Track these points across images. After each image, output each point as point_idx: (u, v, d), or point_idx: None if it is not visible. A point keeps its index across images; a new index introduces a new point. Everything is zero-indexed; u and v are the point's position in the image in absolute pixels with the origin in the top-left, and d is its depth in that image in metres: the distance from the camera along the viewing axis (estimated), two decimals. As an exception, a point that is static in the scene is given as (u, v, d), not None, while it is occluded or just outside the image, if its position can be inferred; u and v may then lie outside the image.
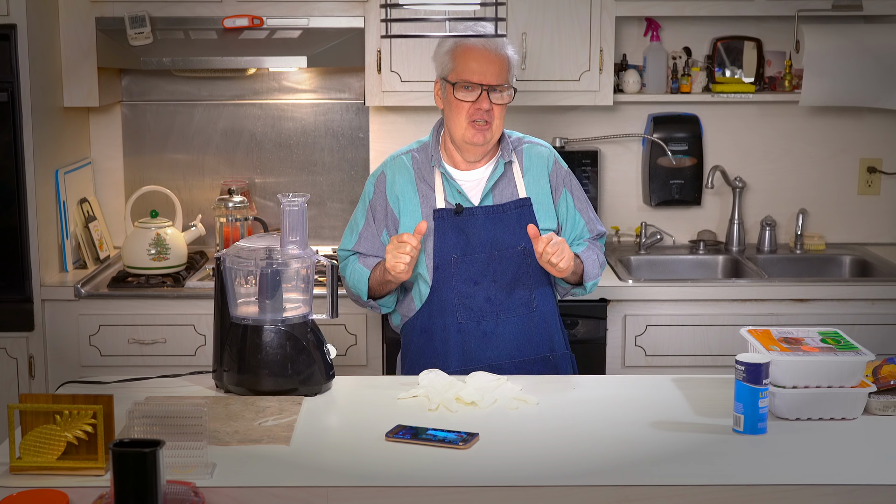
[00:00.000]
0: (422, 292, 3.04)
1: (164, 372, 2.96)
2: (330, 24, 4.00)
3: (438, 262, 3.00)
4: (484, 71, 2.96)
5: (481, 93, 2.96)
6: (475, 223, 3.01)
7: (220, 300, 2.73)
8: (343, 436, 2.47)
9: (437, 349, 3.01)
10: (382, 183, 3.09)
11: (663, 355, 3.87)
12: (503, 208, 3.03)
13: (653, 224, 4.43)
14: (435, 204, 3.03)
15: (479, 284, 3.00)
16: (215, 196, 4.35)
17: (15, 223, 3.78)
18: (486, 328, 3.00)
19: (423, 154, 3.10)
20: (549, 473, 2.22)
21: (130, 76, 4.34)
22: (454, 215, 3.00)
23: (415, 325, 3.06)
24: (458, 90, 2.98)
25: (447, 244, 3.00)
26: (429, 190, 3.05)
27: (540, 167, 3.11)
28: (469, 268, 3.00)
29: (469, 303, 3.00)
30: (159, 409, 2.22)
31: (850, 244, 4.47)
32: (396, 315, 3.15)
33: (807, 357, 2.48)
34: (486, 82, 2.96)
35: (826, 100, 4.20)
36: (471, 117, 2.97)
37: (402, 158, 3.10)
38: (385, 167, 3.12)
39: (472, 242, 3.00)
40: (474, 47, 2.98)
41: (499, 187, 3.05)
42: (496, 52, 2.98)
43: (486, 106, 2.96)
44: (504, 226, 3.02)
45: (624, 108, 4.40)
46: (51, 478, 2.18)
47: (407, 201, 3.05)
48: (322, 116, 4.38)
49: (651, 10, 4.12)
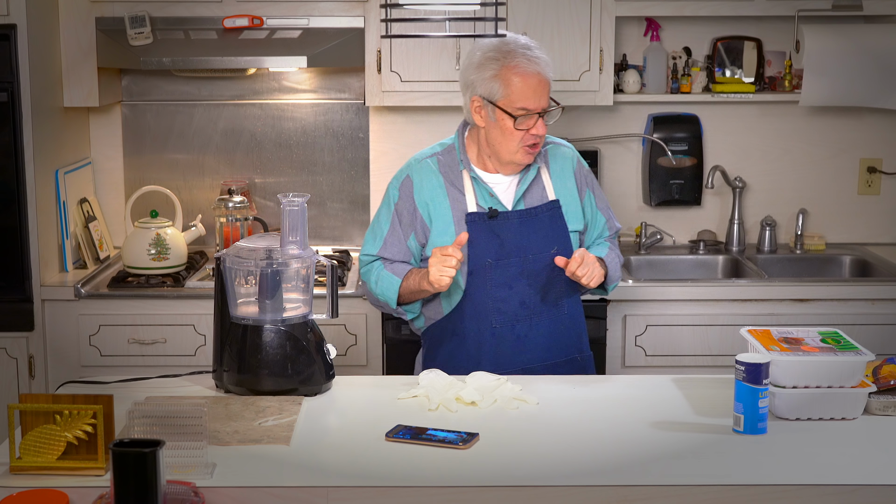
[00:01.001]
0: (451, 296, 3.00)
1: (164, 372, 2.96)
2: (330, 24, 4.00)
3: (473, 266, 2.96)
4: (539, 97, 2.91)
5: (537, 120, 2.92)
6: (509, 227, 2.98)
7: (220, 300, 2.73)
8: (343, 436, 2.47)
9: (471, 353, 2.98)
10: (409, 187, 3.03)
11: (663, 355, 3.87)
12: (535, 212, 3.00)
13: (653, 224, 4.43)
14: (466, 207, 2.99)
15: (514, 288, 2.97)
16: (215, 196, 4.35)
17: (15, 223, 3.78)
18: (520, 332, 2.98)
19: (449, 157, 3.05)
20: (549, 473, 2.22)
21: (130, 76, 4.34)
22: (488, 219, 2.97)
23: (444, 327, 3.03)
24: (519, 119, 2.91)
25: (481, 249, 2.96)
26: (458, 193, 3.00)
27: (566, 168, 3.09)
28: (503, 272, 2.97)
29: (504, 307, 2.97)
30: (159, 409, 2.22)
31: (850, 244, 4.47)
32: (421, 318, 3.10)
33: (807, 357, 2.48)
34: (542, 108, 2.92)
35: (826, 100, 4.20)
36: (525, 143, 2.93)
37: (428, 162, 3.05)
38: (410, 171, 3.05)
39: (507, 246, 2.97)
40: (525, 73, 2.90)
41: (529, 190, 3.03)
42: (543, 71, 2.92)
43: (542, 132, 2.93)
44: (536, 229, 3.00)
45: (624, 108, 4.40)
46: (51, 478, 2.18)
47: (437, 205, 3.00)
48: (322, 116, 4.38)
49: (651, 10, 4.12)
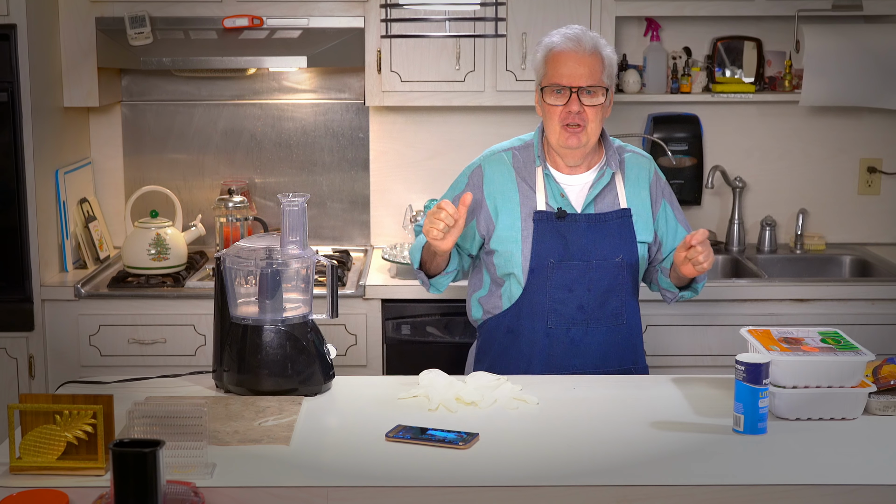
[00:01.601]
0: (512, 292, 3.00)
1: (164, 372, 2.96)
2: (330, 24, 4.00)
3: (535, 264, 2.95)
4: (572, 73, 2.91)
5: (571, 95, 2.91)
6: (576, 230, 2.96)
7: (220, 300, 2.73)
8: (343, 436, 2.47)
9: (523, 351, 2.98)
10: (479, 177, 3.03)
11: (663, 355, 3.87)
12: (605, 217, 2.98)
13: (653, 224, 4.42)
14: (536, 205, 2.98)
15: (574, 291, 2.96)
16: (215, 196, 4.35)
17: (15, 223, 3.78)
18: (575, 336, 2.97)
19: (526, 153, 3.04)
20: (549, 473, 2.22)
21: (130, 76, 4.34)
22: (556, 219, 2.96)
23: (500, 323, 3.03)
24: (549, 95, 2.94)
25: (545, 248, 2.96)
26: (529, 190, 3.00)
27: (642, 178, 3.06)
28: (565, 274, 2.95)
29: (561, 309, 2.96)
30: (159, 409, 2.22)
31: (850, 244, 4.47)
32: (479, 308, 3.10)
33: (807, 357, 2.48)
34: (576, 84, 2.91)
35: (826, 100, 4.20)
36: (563, 121, 2.93)
37: (503, 155, 3.05)
38: (483, 161, 3.06)
39: (571, 249, 2.96)
40: (563, 51, 2.93)
41: (602, 195, 3.01)
42: (588, 52, 2.93)
43: (575, 108, 2.91)
44: (604, 235, 2.97)
45: (624, 108, 4.40)
46: (51, 478, 2.18)
47: (506, 199, 3.00)
48: (322, 116, 4.39)
49: (651, 10, 4.12)
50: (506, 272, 3.01)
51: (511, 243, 2.98)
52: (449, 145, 4.40)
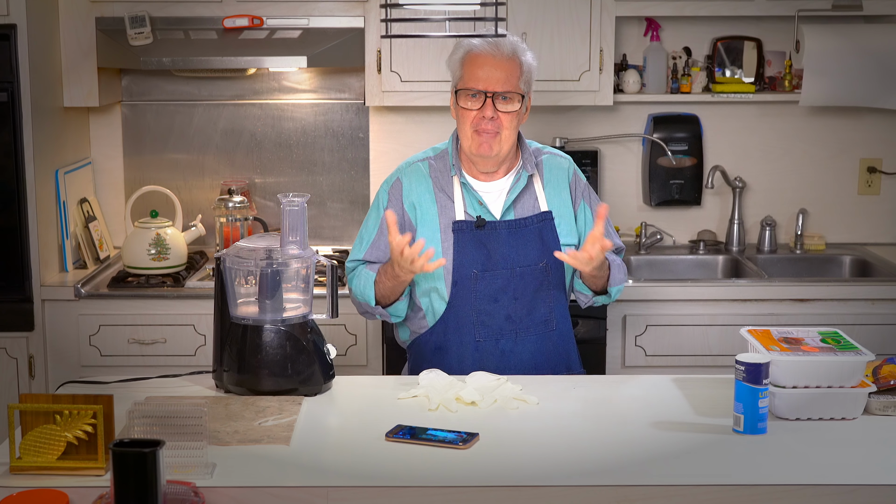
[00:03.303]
0: (435, 308, 2.95)
1: (164, 372, 2.96)
2: (330, 24, 4.00)
3: (457, 276, 2.89)
4: (489, 77, 2.86)
5: (485, 100, 2.86)
6: (497, 238, 2.91)
7: (220, 300, 2.73)
8: (343, 436, 2.47)
9: (453, 367, 2.90)
10: (398, 190, 2.99)
11: (663, 355, 3.87)
12: (525, 222, 2.94)
13: (653, 224, 4.43)
14: (454, 215, 2.93)
15: (499, 302, 2.91)
16: (215, 196, 4.35)
17: (15, 223, 3.78)
18: (505, 347, 2.91)
19: (442, 162, 3.00)
20: (549, 473, 2.22)
21: (130, 76, 4.34)
22: (475, 229, 2.91)
23: (427, 341, 2.97)
24: (463, 98, 2.90)
25: (467, 259, 2.90)
26: (447, 200, 2.95)
27: (560, 179, 3.02)
28: (489, 284, 2.90)
29: (488, 320, 2.91)
30: (159, 409, 2.22)
31: (850, 244, 4.47)
32: (405, 330, 3.05)
33: (807, 357, 2.48)
34: (491, 89, 2.86)
35: (826, 100, 4.20)
36: (475, 126, 2.88)
37: (419, 165, 3.01)
38: (401, 174, 3.01)
39: (494, 258, 2.90)
40: (480, 53, 2.88)
41: (520, 200, 2.96)
42: (506, 57, 2.88)
43: (489, 114, 2.86)
44: (526, 241, 2.93)
45: (624, 108, 4.40)
46: (51, 478, 2.18)
47: (424, 210, 2.95)
48: (322, 116, 4.39)
49: (651, 10, 4.12)
50: (428, 286, 2.94)
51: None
52: (449, 145, 4.39)
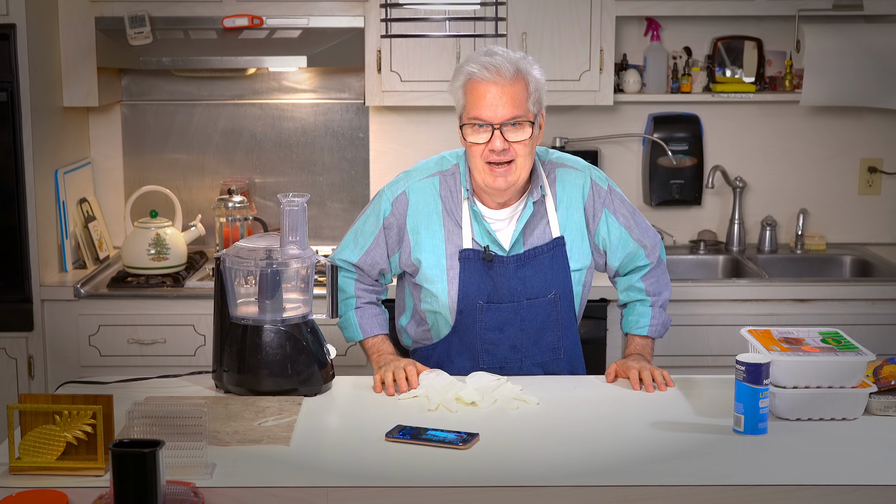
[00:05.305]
0: (440, 328, 2.87)
1: (164, 372, 2.96)
2: (330, 24, 4.00)
3: (462, 306, 2.79)
4: (493, 106, 2.64)
5: (493, 132, 2.65)
6: (505, 272, 2.77)
7: (219, 300, 2.73)
8: (343, 436, 2.47)
9: None
10: (403, 206, 2.81)
11: (664, 355, 3.87)
12: (535, 253, 2.78)
13: (653, 224, 4.42)
14: (461, 243, 2.78)
15: (505, 332, 2.81)
16: (215, 196, 4.35)
17: (15, 223, 3.78)
18: (510, 373, 2.80)
19: (452, 181, 2.81)
20: (549, 473, 2.22)
21: (130, 76, 4.34)
22: (482, 260, 2.77)
23: (430, 356, 2.89)
24: (469, 131, 2.69)
25: (472, 289, 2.78)
26: (455, 226, 2.78)
27: (574, 198, 2.83)
28: (495, 315, 2.80)
29: (493, 349, 2.82)
30: (159, 410, 2.22)
31: (850, 244, 4.47)
32: (407, 337, 2.98)
33: (807, 357, 2.48)
34: (497, 120, 2.64)
35: (826, 100, 4.20)
36: (486, 160, 2.68)
37: (430, 183, 2.81)
38: (410, 189, 2.82)
39: (500, 291, 2.78)
40: (481, 81, 2.66)
41: (530, 226, 2.79)
42: (509, 81, 2.65)
43: (499, 146, 2.65)
44: (535, 272, 2.79)
45: (624, 108, 4.40)
46: (50, 478, 2.18)
47: (430, 235, 2.80)
48: (322, 116, 4.38)
49: (651, 9, 4.12)
50: (432, 310, 2.84)
51: (436, 283, 2.80)
52: (449, 145, 4.36)
